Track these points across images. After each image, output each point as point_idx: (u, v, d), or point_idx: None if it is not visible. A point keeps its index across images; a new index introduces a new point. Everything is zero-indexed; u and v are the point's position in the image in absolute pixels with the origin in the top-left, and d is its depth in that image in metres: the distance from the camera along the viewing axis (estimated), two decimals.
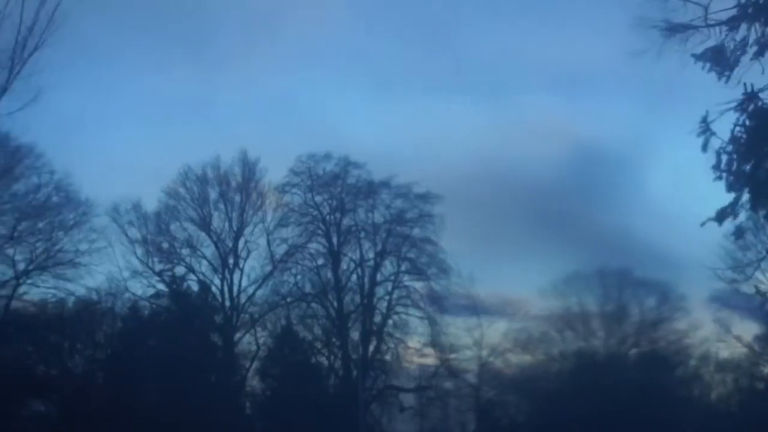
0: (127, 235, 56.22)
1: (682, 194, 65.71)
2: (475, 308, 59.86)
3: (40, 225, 52.27)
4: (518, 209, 66.21)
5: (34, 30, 38.14)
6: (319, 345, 59.11)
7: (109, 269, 54.30)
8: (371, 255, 59.25)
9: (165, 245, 57.27)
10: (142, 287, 56.19)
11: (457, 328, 59.78)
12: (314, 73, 74.19)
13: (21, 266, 51.66)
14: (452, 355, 59.72)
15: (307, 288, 58.86)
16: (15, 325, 51.47)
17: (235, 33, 71.35)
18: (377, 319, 59.17)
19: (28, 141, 50.38)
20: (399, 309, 59.29)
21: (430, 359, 59.99)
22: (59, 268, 52.30)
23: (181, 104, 71.13)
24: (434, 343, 59.58)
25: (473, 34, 76.86)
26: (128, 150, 66.20)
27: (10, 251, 51.42)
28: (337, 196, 59.24)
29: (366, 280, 58.99)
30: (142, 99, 70.04)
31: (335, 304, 58.55)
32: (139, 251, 56.42)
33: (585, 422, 52.78)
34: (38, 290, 52.59)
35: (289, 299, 58.27)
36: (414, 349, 59.91)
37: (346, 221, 59.45)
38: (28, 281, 52.24)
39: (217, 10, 67.89)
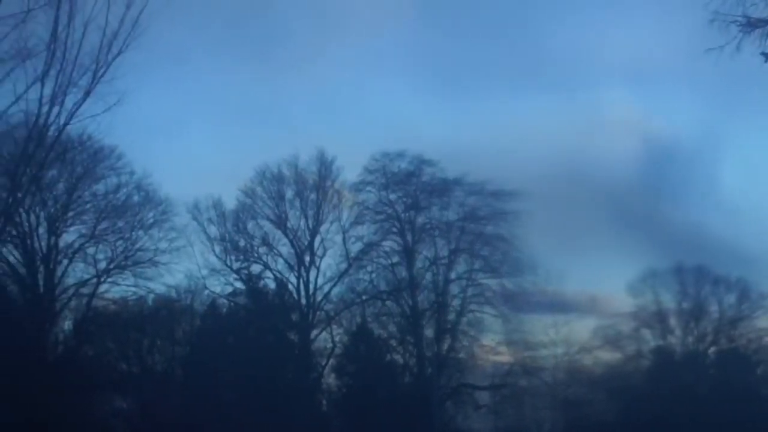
0: (206, 234, 56.56)
1: (757, 190, 64.42)
2: (552, 305, 59.51)
3: (121, 224, 52.85)
4: (594, 205, 65.15)
5: (118, 34, 38.39)
6: (393, 343, 58.89)
7: (188, 267, 54.69)
8: (445, 253, 58.90)
9: (242, 243, 57.51)
10: (221, 285, 56.60)
11: (534, 326, 59.32)
12: (387, 70, 73.55)
13: (102, 265, 52.23)
14: (528, 353, 59.20)
15: (382, 286, 58.68)
16: (97, 323, 51.85)
17: (307, 32, 71.06)
18: (451, 316, 58.81)
19: (109, 142, 50.81)
20: (473, 307, 58.90)
21: (505, 357, 59.69)
22: (139, 267, 52.81)
23: (257, 104, 71.06)
24: (509, 341, 59.25)
25: (546, 29, 76.06)
26: (206, 150, 66.46)
27: (91, 250, 52.07)
28: (411, 194, 58.93)
29: (440, 277, 58.59)
30: (218, 100, 70.21)
31: (409, 301, 58.21)
32: (218, 249, 56.75)
33: (664, 421, 51.62)
34: (119, 288, 53.28)
35: (364, 297, 58.22)
36: (488, 347, 59.52)
37: (420, 219, 59.17)
38: (109, 280, 52.81)
39: (288, 11, 67.67)
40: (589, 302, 62.29)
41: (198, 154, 66.79)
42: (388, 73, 73.74)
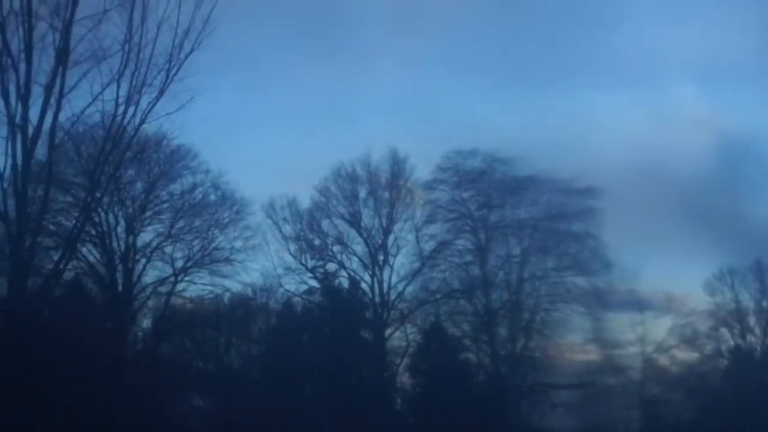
0: (281, 232, 56.70)
1: None
2: (627, 304, 58.67)
3: (197, 223, 53.15)
4: (670, 202, 63.95)
5: (189, 33, 38.58)
6: (467, 341, 58.43)
7: (263, 266, 54.90)
8: (518, 251, 58.50)
9: (317, 242, 57.58)
10: (296, 284, 56.64)
11: (620, 324, 58.85)
12: (459, 68, 72.98)
13: (179, 264, 52.47)
14: (605, 352, 58.71)
15: (455, 284, 58.26)
16: (174, 322, 52.04)
17: (379, 30, 70.73)
18: (525, 315, 58.31)
19: (184, 141, 51.11)
20: (547, 305, 58.30)
21: (587, 355, 59.18)
22: (215, 265, 53.00)
23: (330, 103, 70.99)
24: (596, 339, 58.67)
25: (621, 26, 74.72)
26: (280, 149, 66.48)
27: (168, 249, 52.37)
28: (484, 192, 58.55)
29: (513, 276, 58.13)
30: (291, 99, 70.20)
31: (483, 300, 57.81)
32: (293, 248, 56.83)
33: (742, 422, 50.28)
34: (196, 287, 53.47)
35: (437, 296, 57.83)
36: (563, 345, 58.80)
37: (493, 217, 58.78)
38: (186, 278, 52.99)
39: (357, 10, 67.39)
40: (665, 300, 61.07)
41: (272, 154, 66.97)
42: (461, 71, 73.17)
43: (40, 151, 39.51)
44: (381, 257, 57.26)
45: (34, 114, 38.65)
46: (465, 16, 68.67)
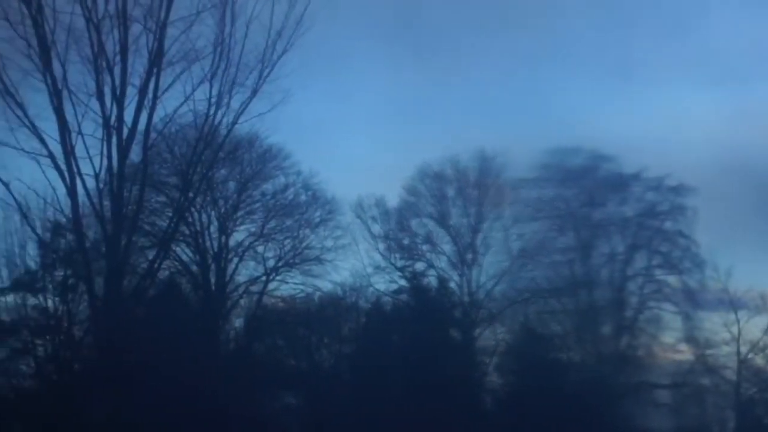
0: (370, 232, 56.31)
1: None
2: (722, 303, 57.45)
3: (288, 223, 53.05)
4: (764, 200, 61.85)
5: (282, 33, 38.57)
6: (558, 341, 57.44)
7: (353, 265, 54.55)
8: (621, 249, 57.74)
9: (406, 241, 57.15)
10: (385, 283, 56.13)
11: (713, 324, 57.58)
12: (555, 65, 71.78)
13: (271, 263, 52.41)
14: (709, 351, 57.50)
15: (549, 283, 57.19)
16: (266, 320, 52.06)
17: (469, 27, 69.99)
18: (629, 313, 57.53)
19: (275, 141, 51.16)
20: (651, 304, 57.43)
21: (684, 355, 58.07)
22: (306, 265, 52.90)
23: (419, 102, 70.36)
24: (689, 338, 57.59)
25: (714, 22, 72.71)
26: (369, 149, 66.02)
27: (260, 249, 52.30)
28: (587, 189, 57.78)
29: (617, 274, 57.45)
30: (380, 98, 69.58)
31: (584, 298, 57.15)
32: (382, 247, 56.41)
33: None
34: (287, 286, 53.43)
35: (526, 295, 56.96)
36: (666, 344, 58.15)
37: (596, 215, 58.09)
38: (278, 278, 52.88)
39: (445, 7, 66.73)
40: (760, 300, 59.03)
41: (361, 153, 66.51)
42: (557, 67, 72.01)
43: (135, 152, 40.07)
44: (470, 256, 56.65)
45: (128, 115, 39.25)
46: (558, 13, 67.47)
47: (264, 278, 52.14)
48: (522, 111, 69.10)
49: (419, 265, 56.56)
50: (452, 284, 56.51)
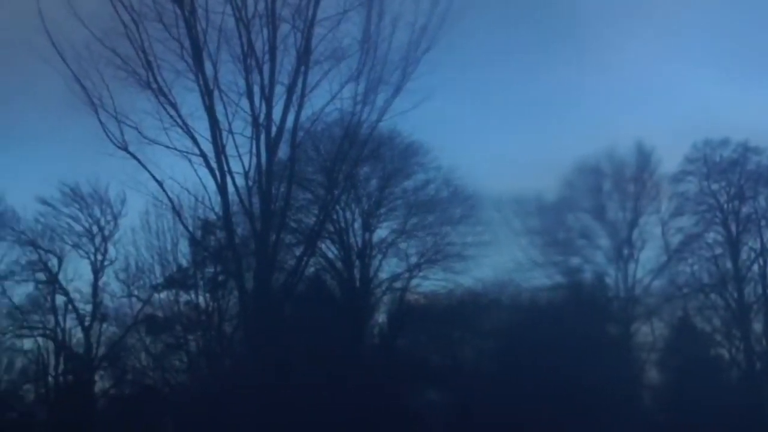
0: (518, 227, 58.84)
1: None
2: None
3: (430, 219, 55.71)
4: None
5: (426, 30, 41.22)
6: (718, 337, 59.11)
7: (497, 261, 56.79)
8: None
9: (561, 236, 59.52)
10: (539, 278, 58.41)
11: None
12: (706, 58, 72.87)
13: (413, 260, 55.34)
14: None
15: (705, 278, 59.16)
16: (409, 317, 54.99)
17: (618, 20, 71.59)
18: None
19: (417, 138, 53.99)
20: None
21: None
22: (448, 261, 55.43)
23: (572, 97, 72.51)
24: None
25: None
26: (518, 143, 68.38)
27: (402, 245, 55.34)
28: (736, 183, 59.11)
29: None
30: (531, 94, 71.89)
31: (734, 294, 58.38)
32: (536, 242, 58.91)
33: None
34: (429, 282, 56.14)
35: (685, 290, 58.90)
36: None
37: (746, 209, 59.25)
38: (420, 274, 55.81)
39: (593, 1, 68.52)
40: None
41: (510, 148, 68.86)
42: (708, 60, 73.03)
43: (282, 150, 42.93)
44: (626, 251, 58.69)
45: (276, 114, 41.91)
46: (706, 6, 68.58)
47: (406, 275, 55.10)
48: (671, 103, 70.58)
49: (574, 260, 58.93)
50: (608, 279, 58.85)
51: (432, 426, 51.30)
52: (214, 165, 41.60)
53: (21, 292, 53.61)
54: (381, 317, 56.27)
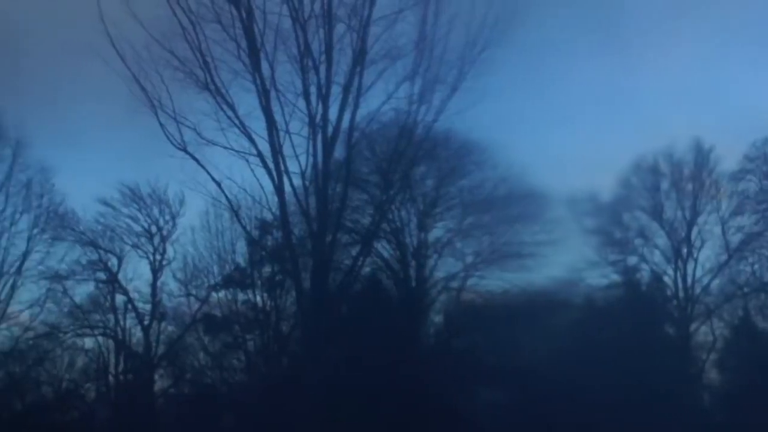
0: (576, 226, 58.57)
1: None
2: None
3: (486, 218, 55.68)
4: None
5: (483, 29, 41.44)
6: None
7: (564, 260, 56.86)
8: None
9: (618, 235, 59.70)
10: (597, 277, 58.53)
11: None
12: (762, 56, 72.19)
13: (469, 259, 55.40)
14: None
15: (765, 277, 58.80)
16: (466, 316, 55.18)
17: (672, 20, 71.10)
18: None
19: (473, 137, 54.04)
20: None
21: None
22: (505, 260, 55.34)
23: (628, 96, 72.17)
24: None
25: None
26: (574, 142, 68.21)
27: (458, 245, 55.36)
28: None
29: None
30: (586, 93, 71.66)
31: None
32: (593, 241, 58.88)
33: None
34: (486, 282, 55.98)
35: (745, 289, 58.71)
36: None
37: None
38: (477, 273, 55.68)
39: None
40: None
41: (565, 146, 68.55)
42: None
43: (337, 150, 43.34)
44: (684, 250, 58.82)
45: (332, 114, 42.47)
46: (764, 4, 67.90)
47: (462, 274, 55.12)
48: (730, 102, 70.03)
49: (632, 260, 59.04)
50: (666, 279, 59.01)
51: (489, 427, 51.43)
52: (271, 165, 42.25)
53: (82, 291, 55.04)
54: (437, 317, 56.63)
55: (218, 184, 42.41)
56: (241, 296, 50.16)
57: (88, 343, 55.27)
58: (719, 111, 69.01)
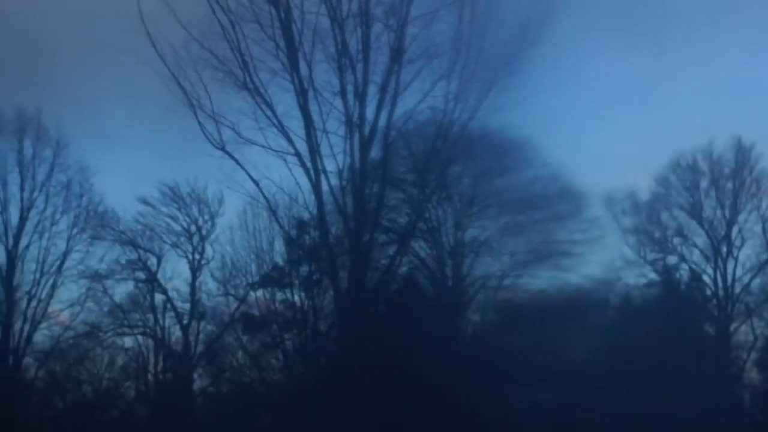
0: (618, 225, 59.01)
1: None
2: None
3: (523, 217, 55.36)
4: None
5: (521, 28, 41.59)
6: None
7: (602, 259, 56.60)
8: None
9: (656, 234, 59.71)
10: (635, 277, 58.80)
11: None
12: None
13: (506, 258, 54.73)
14: None
15: None
16: (504, 316, 55.15)
17: (708, 12, 70.82)
18: None
19: (509, 135, 54.00)
20: None
21: None
22: (553, 259, 54.83)
23: (667, 94, 71.88)
24: None
25: None
26: (612, 140, 68.03)
27: (495, 244, 54.68)
28: None
29: None
30: (626, 91, 71.44)
31: None
32: (631, 240, 59.17)
33: None
34: (525, 281, 55.41)
35: None
36: None
37: None
38: (513, 272, 55.06)
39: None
40: None
41: (609, 145, 68.57)
42: None
43: (374, 149, 43.92)
44: (724, 249, 58.84)
45: (369, 113, 43.13)
46: None
47: (499, 273, 55.25)
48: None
49: (670, 259, 59.19)
50: (705, 278, 59.09)
51: (526, 427, 51.44)
52: (308, 164, 42.90)
53: (121, 290, 55.65)
54: (474, 316, 56.72)
55: (256, 184, 43.29)
56: (279, 295, 50.50)
57: (128, 342, 56.01)
58: (760, 108, 68.89)
